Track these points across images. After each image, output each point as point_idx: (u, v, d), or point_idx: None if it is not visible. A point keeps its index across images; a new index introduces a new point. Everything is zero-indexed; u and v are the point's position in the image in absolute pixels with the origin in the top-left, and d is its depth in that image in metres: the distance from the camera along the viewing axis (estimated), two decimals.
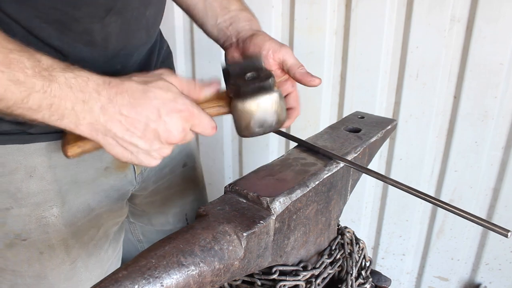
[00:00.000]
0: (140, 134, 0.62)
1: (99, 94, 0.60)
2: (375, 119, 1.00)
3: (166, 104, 0.63)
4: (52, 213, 0.81)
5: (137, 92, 0.62)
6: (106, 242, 0.93)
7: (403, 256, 1.85)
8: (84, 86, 0.59)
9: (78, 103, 0.59)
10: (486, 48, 1.41)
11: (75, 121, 0.60)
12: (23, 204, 0.78)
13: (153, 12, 0.84)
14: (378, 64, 1.58)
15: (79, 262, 0.87)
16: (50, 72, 0.57)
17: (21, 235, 0.80)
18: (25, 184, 0.78)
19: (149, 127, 0.62)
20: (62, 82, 0.58)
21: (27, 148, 0.77)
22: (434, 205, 0.73)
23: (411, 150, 1.65)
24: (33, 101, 0.57)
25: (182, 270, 0.54)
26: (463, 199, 1.64)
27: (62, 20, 0.69)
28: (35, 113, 0.58)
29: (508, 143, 1.51)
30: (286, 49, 0.85)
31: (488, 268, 1.71)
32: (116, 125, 0.61)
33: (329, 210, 0.82)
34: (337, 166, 0.79)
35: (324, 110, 1.76)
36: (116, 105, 0.60)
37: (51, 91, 0.57)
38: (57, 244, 0.83)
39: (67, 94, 0.58)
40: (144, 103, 0.61)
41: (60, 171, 0.81)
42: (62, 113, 0.59)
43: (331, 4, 1.59)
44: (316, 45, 1.66)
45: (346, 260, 0.86)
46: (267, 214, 0.65)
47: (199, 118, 0.68)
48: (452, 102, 1.55)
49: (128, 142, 0.62)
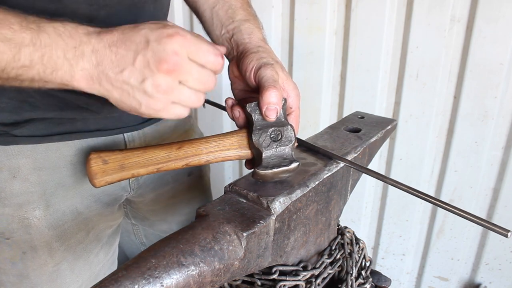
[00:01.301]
0: (130, 68, 0.57)
1: (89, 37, 0.57)
2: (375, 119, 1.00)
3: (154, 31, 0.57)
4: (35, 215, 0.81)
5: (127, 29, 0.58)
6: (97, 245, 0.92)
7: (403, 256, 1.85)
8: (74, 32, 0.57)
9: (69, 50, 0.56)
10: (486, 48, 1.41)
11: (69, 70, 0.57)
12: (7, 203, 0.79)
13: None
14: (378, 64, 1.58)
15: (63, 265, 0.87)
16: (37, 24, 0.56)
17: (4, 233, 0.81)
18: (9, 184, 0.78)
19: (138, 58, 0.56)
20: (51, 32, 0.56)
21: (10, 150, 0.77)
22: (434, 205, 0.73)
23: (411, 150, 1.65)
24: (25, 57, 0.55)
25: (182, 270, 0.54)
26: (463, 199, 1.64)
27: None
28: (30, 70, 0.56)
29: (508, 143, 1.51)
30: (267, 69, 0.72)
31: (488, 268, 1.71)
32: (108, 64, 0.57)
33: (329, 210, 0.82)
34: (337, 166, 0.79)
35: (324, 110, 1.76)
36: (106, 44, 0.57)
37: (40, 43, 0.55)
38: (40, 245, 0.83)
39: (57, 42, 0.56)
40: (132, 35, 0.57)
41: (46, 173, 0.80)
42: (55, 64, 0.56)
43: (331, 4, 1.59)
44: (316, 45, 1.66)
45: (346, 260, 0.86)
46: (267, 214, 0.65)
47: (195, 43, 0.58)
48: (452, 102, 1.55)
49: (121, 80, 0.57)
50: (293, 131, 0.72)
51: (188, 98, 0.60)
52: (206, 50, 0.59)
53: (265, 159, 0.71)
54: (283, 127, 0.72)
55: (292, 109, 0.77)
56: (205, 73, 0.60)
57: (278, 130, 0.71)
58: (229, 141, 0.73)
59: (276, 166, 0.71)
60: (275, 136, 0.71)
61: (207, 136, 0.75)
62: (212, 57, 0.59)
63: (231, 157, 0.74)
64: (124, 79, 0.57)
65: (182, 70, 0.57)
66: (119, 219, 1.00)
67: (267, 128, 0.71)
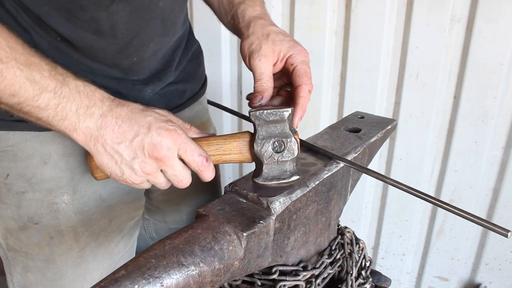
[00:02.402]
0: (127, 143, 0.65)
1: (102, 103, 0.65)
2: (375, 119, 1.00)
3: (158, 121, 0.66)
4: (63, 200, 0.84)
5: (136, 109, 0.67)
6: (118, 235, 0.94)
7: (403, 256, 1.85)
8: (91, 94, 0.65)
9: (82, 107, 0.63)
10: (486, 48, 1.41)
11: (75, 123, 0.64)
12: (37, 189, 0.82)
13: (168, 2, 0.83)
14: (378, 64, 1.58)
15: (87, 251, 0.89)
16: (64, 77, 0.63)
17: (33, 218, 0.84)
18: (40, 170, 0.82)
19: (137, 138, 0.65)
20: (73, 87, 0.63)
21: (43, 136, 0.81)
22: (434, 205, 0.73)
23: (411, 150, 1.65)
24: (43, 100, 0.62)
25: (182, 270, 0.54)
26: (463, 199, 1.64)
27: (68, 7, 0.72)
28: (42, 111, 0.62)
29: (508, 143, 1.51)
30: (260, 61, 0.78)
31: (488, 268, 1.71)
32: (109, 132, 0.65)
33: (329, 210, 0.82)
34: (337, 166, 0.78)
35: (324, 110, 1.76)
36: (114, 114, 0.65)
37: (61, 93, 0.62)
38: (66, 230, 0.85)
39: (74, 97, 0.63)
40: (139, 117, 0.66)
41: (74, 160, 0.84)
42: (65, 114, 0.63)
43: (331, 4, 1.59)
44: (316, 45, 1.66)
45: (346, 260, 0.86)
46: (267, 214, 0.65)
47: (188, 144, 0.67)
48: (452, 102, 1.55)
49: (115, 150, 0.65)
50: (296, 144, 0.71)
51: (161, 182, 0.69)
52: (194, 149, 0.67)
53: (266, 171, 0.71)
54: (287, 138, 0.70)
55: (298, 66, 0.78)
56: (184, 173, 0.68)
57: (281, 141, 0.70)
58: (231, 146, 0.73)
59: (276, 178, 0.71)
60: (278, 147, 0.71)
61: (209, 137, 0.75)
62: (197, 157, 0.67)
63: (231, 161, 0.74)
64: (119, 150, 0.65)
65: (167, 163, 0.66)
66: (140, 210, 1.03)
67: (270, 138, 0.70)
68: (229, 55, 1.87)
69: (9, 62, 0.59)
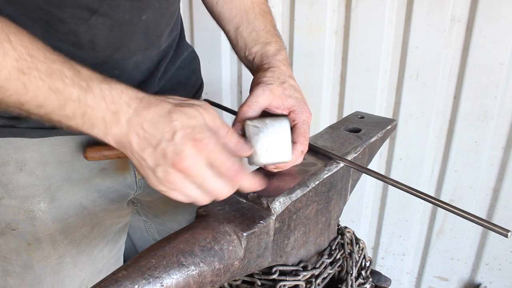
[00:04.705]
0: (151, 150, 0.61)
1: (129, 107, 0.62)
2: (375, 119, 1.00)
3: (184, 128, 0.61)
4: (40, 208, 0.83)
5: (163, 110, 0.62)
6: (101, 241, 0.93)
7: (403, 256, 1.85)
8: (117, 98, 0.61)
9: (109, 114, 0.61)
10: (486, 48, 1.41)
11: (104, 130, 0.62)
12: (13, 195, 0.81)
13: (152, 17, 0.81)
14: (378, 64, 1.58)
15: (67, 258, 0.88)
16: (87, 82, 0.60)
17: (10, 224, 0.83)
18: (16, 176, 0.80)
19: (160, 145, 0.60)
20: (97, 93, 0.60)
21: (17, 143, 0.79)
22: (434, 205, 0.73)
23: (411, 150, 1.65)
24: (69, 109, 0.59)
25: (182, 270, 0.54)
26: (463, 199, 1.64)
27: (47, 19, 0.70)
28: (70, 120, 0.61)
29: (508, 143, 1.51)
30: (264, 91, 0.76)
31: (488, 268, 1.71)
32: (134, 137, 0.61)
33: (329, 210, 0.82)
34: (337, 166, 0.78)
35: (324, 110, 1.76)
36: (140, 119, 0.61)
37: (85, 101, 0.60)
38: (44, 238, 0.85)
39: (100, 104, 0.60)
40: (164, 122, 0.61)
41: (52, 168, 0.82)
42: (93, 123, 0.61)
43: (331, 4, 1.59)
44: (316, 45, 1.66)
45: (346, 260, 0.86)
46: (267, 214, 0.65)
47: (216, 155, 0.61)
48: (452, 102, 1.55)
49: (140, 155, 0.62)
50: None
51: (193, 194, 0.63)
52: (222, 163, 0.61)
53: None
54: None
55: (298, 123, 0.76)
56: (215, 184, 0.62)
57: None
58: None
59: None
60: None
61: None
62: (225, 171, 0.62)
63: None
64: (143, 156, 0.62)
65: (191, 173, 0.60)
66: (126, 217, 1.01)
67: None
68: (229, 55, 1.87)
69: (31, 73, 0.57)
